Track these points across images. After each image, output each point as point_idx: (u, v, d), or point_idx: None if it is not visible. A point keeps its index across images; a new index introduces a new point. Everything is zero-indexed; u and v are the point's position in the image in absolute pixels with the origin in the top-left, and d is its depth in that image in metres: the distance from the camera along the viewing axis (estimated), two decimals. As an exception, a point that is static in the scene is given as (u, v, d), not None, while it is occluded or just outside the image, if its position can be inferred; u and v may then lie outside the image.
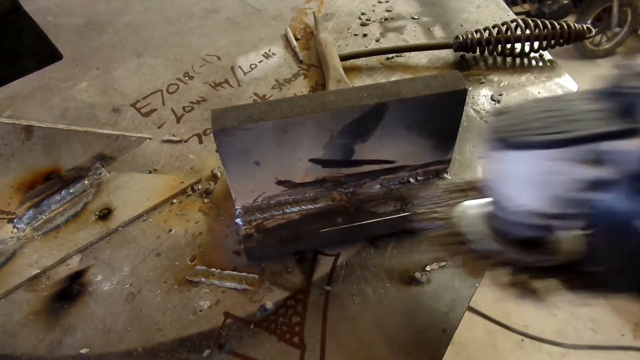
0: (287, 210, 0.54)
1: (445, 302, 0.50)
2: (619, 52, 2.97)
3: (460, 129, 0.54)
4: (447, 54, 0.83)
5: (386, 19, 0.91)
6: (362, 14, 0.93)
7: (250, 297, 0.51)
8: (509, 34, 0.78)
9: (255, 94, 0.76)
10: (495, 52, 0.81)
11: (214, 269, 0.53)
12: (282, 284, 0.52)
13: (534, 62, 0.81)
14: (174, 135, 0.69)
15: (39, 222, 0.58)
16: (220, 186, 0.62)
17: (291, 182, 0.53)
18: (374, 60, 0.82)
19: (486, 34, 0.79)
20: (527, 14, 2.79)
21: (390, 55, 0.82)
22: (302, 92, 0.76)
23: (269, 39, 0.87)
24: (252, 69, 0.81)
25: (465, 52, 0.82)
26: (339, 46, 0.85)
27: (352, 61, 0.81)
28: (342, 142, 0.50)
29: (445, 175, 0.57)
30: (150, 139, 0.69)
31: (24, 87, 0.77)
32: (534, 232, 0.36)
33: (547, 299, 0.38)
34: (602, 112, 0.31)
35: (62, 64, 0.82)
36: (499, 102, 0.74)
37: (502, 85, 0.77)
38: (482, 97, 0.75)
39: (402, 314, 0.49)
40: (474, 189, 0.44)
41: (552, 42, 0.79)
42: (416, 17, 0.92)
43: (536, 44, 0.80)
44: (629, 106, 0.30)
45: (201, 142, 0.68)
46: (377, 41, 0.86)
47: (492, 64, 0.81)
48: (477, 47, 0.79)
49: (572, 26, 0.79)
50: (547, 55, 0.82)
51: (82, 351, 0.47)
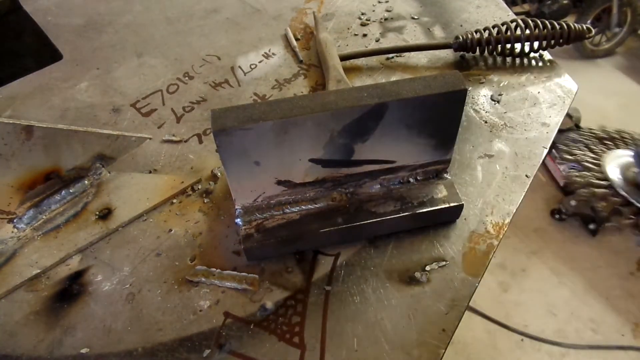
0: (287, 210, 0.54)
1: (445, 302, 0.50)
2: (619, 52, 2.97)
3: (460, 129, 0.54)
4: (447, 54, 0.83)
5: (386, 19, 0.91)
6: (362, 14, 0.93)
7: (250, 297, 0.51)
8: (509, 34, 0.78)
9: (255, 94, 0.76)
10: (495, 52, 0.81)
11: (214, 269, 0.53)
12: (282, 284, 0.52)
13: (533, 62, 0.81)
14: (174, 135, 0.69)
15: (39, 222, 0.59)
16: (220, 186, 0.62)
17: (291, 182, 0.53)
18: (374, 60, 0.82)
19: (486, 34, 0.79)
20: (527, 14, 2.80)
21: (390, 55, 0.82)
22: (302, 92, 0.76)
23: (269, 39, 0.87)
24: (252, 69, 0.81)
25: (465, 52, 0.82)
26: (339, 46, 0.85)
27: (352, 61, 0.81)
28: (342, 142, 0.50)
29: (445, 175, 0.57)
30: (150, 139, 0.69)
31: (24, 87, 0.77)
32: None
33: None
34: None
35: (62, 64, 0.82)
36: (498, 102, 0.74)
37: (502, 85, 0.77)
38: (482, 97, 0.75)
39: (402, 314, 0.50)
40: (622, 140, 0.44)
41: (552, 42, 0.79)
42: (416, 17, 0.92)
43: (536, 44, 0.80)
44: None
45: (201, 142, 0.68)
46: (377, 41, 0.86)
47: (492, 64, 0.81)
48: (477, 47, 0.79)
49: (572, 26, 0.79)
50: (547, 55, 0.82)
51: (82, 351, 0.47)
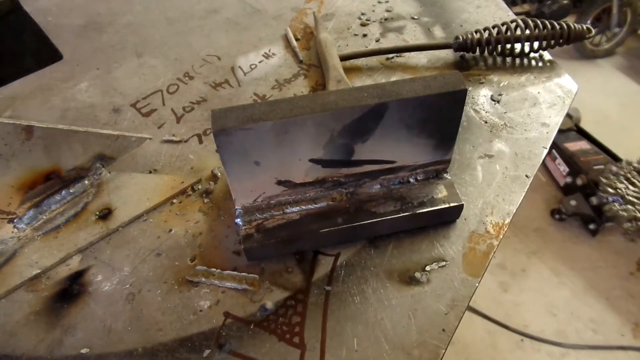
0: (287, 210, 0.54)
1: (445, 302, 0.50)
2: (619, 52, 2.97)
3: (460, 129, 0.54)
4: (447, 54, 0.83)
5: (386, 19, 0.91)
6: (362, 14, 0.93)
7: (250, 297, 0.51)
8: (509, 34, 0.78)
9: (255, 94, 0.76)
10: (495, 52, 0.81)
11: (214, 269, 0.53)
12: (282, 284, 0.52)
13: (533, 62, 0.81)
14: (174, 135, 0.69)
15: (39, 222, 0.59)
16: (220, 186, 0.62)
17: (291, 182, 0.53)
18: (374, 60, 0.82)
19: (486, 34, 0.79)
20: (527, 14, 2.80)
21: (390, 55, 0.82)
22: (302, 92, 0.76)
23: (269, 39, 0.87)
24: (252, 69, 0.81)
25: (465, 52, 0.82)
26: (339, 46, 0.85)
27: (352, 61, 0.81)
28: (342, 142, 0.50)
29: (445, 175, 0.57)
30: (150, 139, 0.69)
31: (24, 87, 0.77)
32: None
33: None
34: None
35: (62, 64, 0.82)
36: (498, 102, 0.74)
37: (502, 85, 0.77)
38: (482, 97, 0.75)
39: (402, 314, 0.50)
40: None
41: (552, 42, 0.79)
42: (416, 17, 0.92)
43: (536, 44, 0.80)
44: None
45: (201, 142, 0.68)
46: (377, 41, 0.86)
47: (492, 64, 0.81)
48: (477, 47, 0.79)
49: (572, 26, 0.79)
50: (547, 55, 0.82)
51: (83, 351, 0.47)
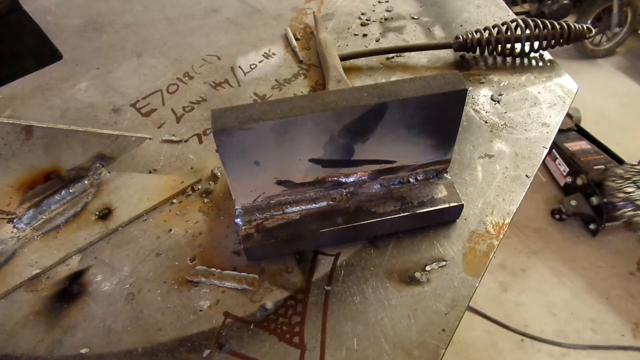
0: (287, 210, 0.54)
1: (445, 302, 0.50)
2: (619, 52, 2.97)
3: (460, 129, 0.54)
4: (447, 54, 0.83)
5: (386, 19, 0.91)
6: (362, 14, 0.93)
7: (250, 297, 0.51)
8: (509, 34, 0.78)
9: (255, 94, 0.76)
10: (495, 52, 0.81)
11: (214, 269, 0.53)
12: (282, 284, 0.52)
13: (534, 62, 0.81)
14: (174, 135, 0.69)
15: (39, 222, 0.58)
16: (220, 186, 0.62)
17: (291, 182, 0.53)
18: (374, 60, 0.82)
19: (486, 34, 0.79)
20: (527, 14, 2.80)
21: (390, 55, 0.82)
22: (302, 92, 0.76)
23: (269, 39, 0.87)
24: (252, 69, 0.81)
25: (465, 52, 0.82)
26: (339, 46, 0.85)
27: (352, 61, 0.81)
28: (342, 142, 0.50)
29: (445, 175, 0.57)
30: (150, 139, 0.69)
31: (24, 87, 0.77)
32: None
33: None
34: None
35: (62, 64, 0.81)
36: (499, 102, 0.74)
37: (502, 85, 0.77)
38: (482, 97, 0.75)
39: (402, 314, 0.50)
40: None
41: (552, 42, 0.79)
42: (416, 17, 0.92)
43: (536, 44, 0.80)
44: None
45: (201, 142, 0.68)
46: (377, 41, 0.86)
47: (492, 64, 0.81)
48: (477, 47, 0.79)
49: (572, 26, 0.79)
50: (547, 55, 0.82)
51: (82, 351, 0.47)
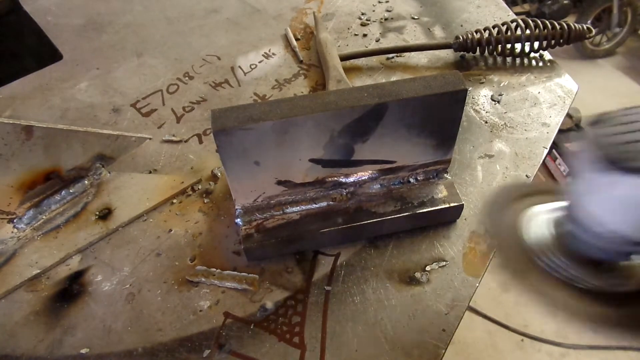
0: (287, 210, 0.54)
1: (445, 302, 0.50)
2: (619, 52, 2.97)
3: (460, 129, 0.54)
4: (447, 54, 0.83)
5: (386, 19, 0.91)
6: (362, 14, 0.93)
7: (250, 297, 0.51)
8: (509, 34, 0.78)
9: (255, 94, 0.76)
10: (495, 52, 0.81)
11: (214, 269, 0.53)
12: (282, 284, 0.52)
13: (534, 62, 0.81)
14: (174, 135, 0.69)
15: (39, 222, 0.58)
16: (220, 186, 0.62)
17: (291, 182, 0.53)
18: (374, 60, 0.82)
19: (486, 34, 0.79)
20: (527, 14, 2.80)
21: (390, 55, 0.82)
22: (302, 92, 0.76)
23: (269, 39, 0.87)
24: (252, 69, 0.81)
25: (465, 52, 0.82)
26: (339, 46, 0.85)
27: (352, 61, 0.81)
28: (342, 142, 0.50)
29: (445, 175, 0.57)
30: (150, 139, 0.69)
31: (24, 87, 0.77)
32: (611, 256, 0.33)
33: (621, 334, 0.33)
34: None
35: (62, 64, 0.82)
36: (499, 102, 0.74)
37: (502, 85, 0.77)
38: (482, 97, 0.75)
39: (402, 314, 0.49)
40: (546, 193, 0.40)
41: (552, 42, 0.79)
42: (416, 17, 0.92)
43: (536, 44, 0.80)
44: None
45: (201, 142, 0.68)
46: (377, 41, 0.86)
47: (492, 64, 0.81)
48: (477, 47, 0.79)
49: (572, 26, 0.79)
50: (547, 55, 0.82)
51: (82, 351, 0.47)
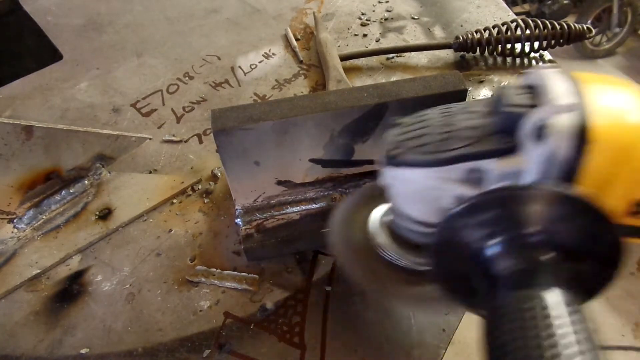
0: (287, 210, 0.54)
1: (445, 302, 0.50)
2: (619, 52, 2.97)
3: (460, 129, 0.54)
4: (447, 54, 0.83)
5: (386, 19, 0.91)
6: (362, 14, 0.93)
7: (250, 297, 0.51)
8: (509, 34, 0.78)
9: (255, 94, 0.76)
10: (495, 52, 0.81)
11: (214, 269, 0.53)
12: (282, 284, 0.52)
13: (534, 62, 0.81)
14: (174, 135, 0.69)
15: (39, 222, 0.58)
16: (220, 186, 0.62)
17: (291, 182, 0.53)
18: (374, 60, 0.82)
19: (486, 34, 0.79)
20: (527, 14, 2.80)
21: (390, 55, 0.82)
22: (302, 92, 0.76)
23: (269, 39, 0.87)
24: (252, 69, 0.81)
25: (465, 52, 0.82)
26: (339, 46, 0.85)
27: (352, 61, 0.81)
28: (342, 142, 0.50)
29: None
30: (150, 139, 0.69)
31: (24, 87, 0.77)
32: (424, 239, 0.38)
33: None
34: (484, 129, 0.32)
35: (62, 64, 0.82)
36: (499, 102, 0.73)
37: (502, 85, 0.77)
38: (482, 97, 0.75)
39: (402, 314, 0.49)
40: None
41: (552, 42, 0.79)
42: (416, 17, 0.92)
43: (536, 44, 0.80)
44: (510, 123, 0.30)
45: (201, 142, 0.68)
46: (377, 41, 0.86)
47: (492, 64, 0.81)
48: (477, 47, 0.79)
49: (572, 26, 0.79)
50: (547, 55, 0.82)
51: (82, 351, 0.47)
